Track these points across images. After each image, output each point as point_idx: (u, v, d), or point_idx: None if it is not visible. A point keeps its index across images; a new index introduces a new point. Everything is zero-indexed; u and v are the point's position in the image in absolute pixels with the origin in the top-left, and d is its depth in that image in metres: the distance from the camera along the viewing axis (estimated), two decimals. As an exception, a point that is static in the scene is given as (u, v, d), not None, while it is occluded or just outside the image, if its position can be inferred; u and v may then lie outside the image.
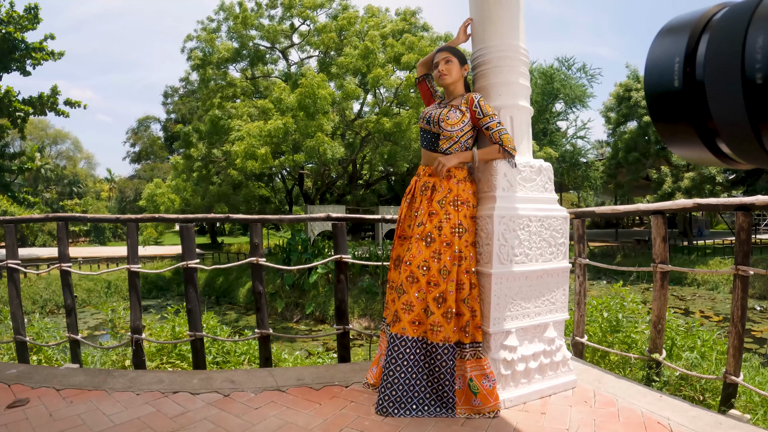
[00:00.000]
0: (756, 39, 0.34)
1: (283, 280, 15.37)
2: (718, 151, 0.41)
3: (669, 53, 0.41)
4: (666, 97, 0.42)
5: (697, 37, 0.40)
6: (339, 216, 3.86)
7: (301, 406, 2.69)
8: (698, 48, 0.40)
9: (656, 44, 0.43)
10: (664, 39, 0.43)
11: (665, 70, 0.41)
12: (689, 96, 0.40)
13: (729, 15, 0.38)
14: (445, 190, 2.67)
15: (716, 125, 0.38)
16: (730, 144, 0.39)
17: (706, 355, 3.60)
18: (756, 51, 0.34)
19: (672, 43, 0.42)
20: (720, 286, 17.08)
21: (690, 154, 0.44)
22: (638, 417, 2.48)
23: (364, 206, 24.51)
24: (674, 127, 0.42)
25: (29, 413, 2.61)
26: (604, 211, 3.82)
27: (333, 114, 18.48)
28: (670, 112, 0.42)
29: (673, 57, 0.41)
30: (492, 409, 2.51)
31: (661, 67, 0.42)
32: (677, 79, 0.40)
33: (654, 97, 0.43)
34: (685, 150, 0.43)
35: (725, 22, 0.38)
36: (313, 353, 5.60)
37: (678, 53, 0.41)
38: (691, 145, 0.42)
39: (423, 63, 3.04)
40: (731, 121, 0.36)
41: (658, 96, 0.42)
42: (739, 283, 2.83)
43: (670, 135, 0.43)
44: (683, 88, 0.40)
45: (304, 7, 21.40)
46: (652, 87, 0.43)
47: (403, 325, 2.56)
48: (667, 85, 0.41)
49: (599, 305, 4.31)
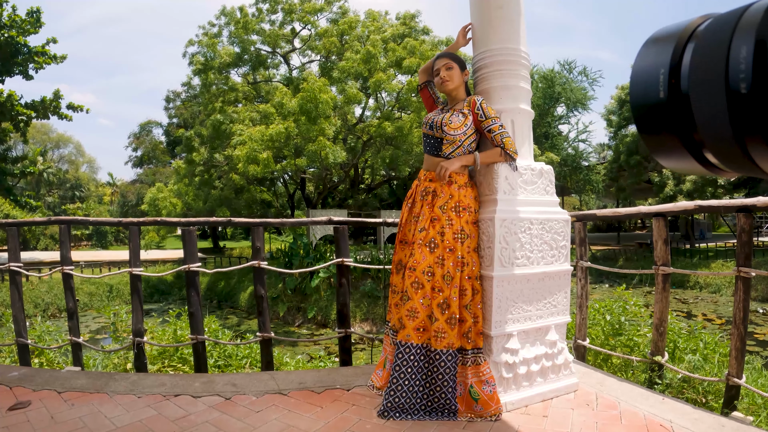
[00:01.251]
0: (740, 49, 0.34)
1: (284, 284, 15.36)
2: (705, 161, 0.41)
3: (654, 65, 0.42)
4: (651, 108, 0.42)
5: (681, 48, 0.40)
6: (340, 219, 3.86)
7: (303, 409, 2.69)
8: (683, 59, 0.40)
9: (641, 56, 0.43)
10: (649, 50, 0.43)
11: (650, 81, 0.42)
12: (674, 107, 0.40)
13: (713, 26, 0.38)
14: (446, 195, 2.67)
15: (702, 136, 0.39)
16: (716, 154, 0.39)
17: (709, 357, 3.60)
18: (740, 61, 0.34)
19: (657, 55, 0.42)
20: (722, 288, 17.03)
21: (677, 165, 0.44)
22: (640, 420, 2.47)
23: (365, 210, 24.51)
24: (660, 139, 0.42)
25: (31, 416, 2.61)
26: (605, 213, 3.82)
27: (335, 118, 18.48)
28: (656, 123, 0.42)
29: (658, 68, 0.41)
30: (494, 413, 2.51)
31: (646, 79, 0.42)
32: (662, 91, 0.41)
33: (640, 108, 0.43)
34: (672, 161, 0.44)
35: (709, 33, 0.38)
36: (315, 357, 5.59)
37: (663, 64, 0.41)
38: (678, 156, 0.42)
39: (424, 70, 3.06)
40: (716, 132, 0.36)
41: (643, 108, 0.42)
42: (741, 284, 2.83)
43: (657, 146, 0.43)
44: (668, 100, 0.40)
45: (304, 12, 21.41)
46: (637, 99, 0.43)
47: (408, 332, 2.56)
48: (653, 97, 0.41)
49: (601, 308, 4.31)
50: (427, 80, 3.06)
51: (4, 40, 17.33)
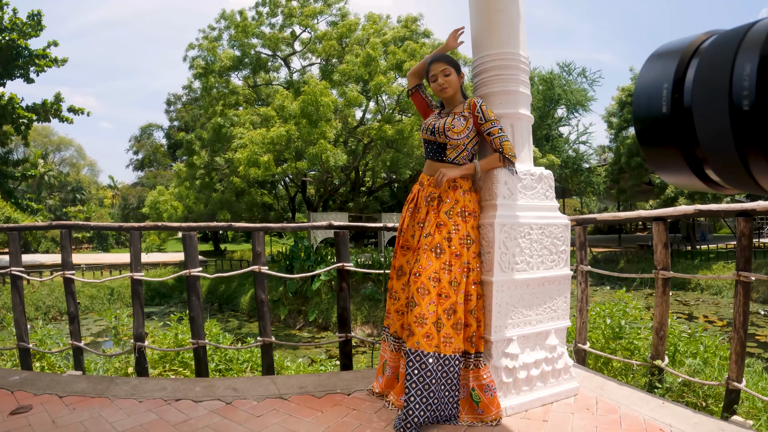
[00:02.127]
0: (744, 66, 0.34)
1: (285, 288, 15.37)
2: (706, 178, 0.41)
3: (658, 79, 0.42)
4: (654, 123, 0.42)
5: (685, 63, 0.41)
6: (341, 224, 3.87)
7: (303, 413, 2.70)
8: (687, 75, 0.40)
9: (645, 70, 0.44)
10: (653, 65, 0.43)
11: (654, 95, 0.42)
12: (677, 122, 0.40)
13: (717, 43, 0.38)
14: (452, 201, 2.66)
15: (704, 152, 0.39)
16: (717, 171, 0.39)
17: (709, 360, 3.60)
18: (743, 78, 0.34)
19: (661, 69, 0.42)
20: (724, 290, 17.01)
21: (678, 180, 0.44)
22: (640, 424, 2.47)
23: (366, 213, 24.50)
24: (662, 153, 0.42)
25: (32, 420, 2.62)
26: (605, 218, 3.83)
27: (335, 121, 18.49)
28: (658, 138, 0.42)
29: (662, 83, 0.41)
30: (494, 417, 2.50)
31: (649, 93, 0.42)
32: (665, 105, 0.41)
33: (642, 122, 0.43)
34: (673, 176, 0.44)
35: (714, 49, 0.38)
36: (316, 361, 5.60)
37: (666, 79, 0.41)
38: (679, 171, 0.42)
39: (414, 73, 2.99)
40: (718, 148, 0.37)
41: (646, 122, 0.43)
42: (741, 288, 2.84)
43: (659, 161, 0.43)
44: (671, 115, 0.41)
45: (304, 15, 21.45)
46: (640, 112, 0.43)
47: (417, 339, 2.48)
48: (656, 111, 0.42)
49: (602, 312, 4.31)
50: (418, 84, 3.00)
51: (5, 43, 17.40)
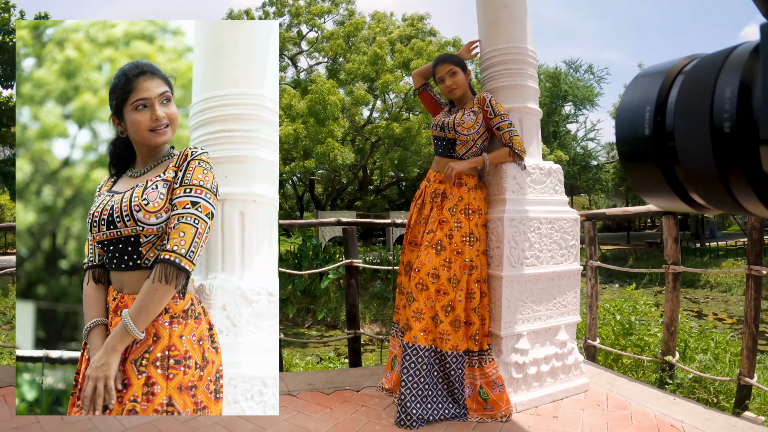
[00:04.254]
0: (725, 90, 0.35)
1: (294, 286, 15.39)
2: (688, 199, 0.41)
3: (640, 101, 0.42)
4: (636, 144, 0.42)
5: (668, 86, 0.41)
6: (349, 220, 3.87)
7: (312, 410, 2.70)
8: (669, 97, 0.41)
9: (628, 91, 0.44)
10: (636, 87, 0.44)
11: (636, 117, 0.42)
12: (659, 144, 0.40)
13: (699, 66, 0.38)
14: (456, 197, 2.65)
15: (685, 173, 0.39)
16: (699, 192, 0.39)
17: (720, 356, 3.57)
18: (724, 101, 0.34)
19: (644, 91, 0.42)
20: (733, 288, 16.89)
21: (661, 202, 0.44)
22: (651, 420, 2.46)
23: (374, 212, 24.50)
24: (644, 175, 0.43)
25: (41, 417, 2.63)
26: (614, 212, 3.81)
27: (343, 120, 18.54)
28: (640, 159, 0.42)
29: (644, 105, 0.42)
30: (504, 413, 2.49)
31: (631, 115, 0.42)
32: (647, 128, 0.41)
33: (624, 144, 0.43)
34: (656, 197, 0.44)
35: (695, 72, 0.38)
36: (325, 358, 5.60)
37: (649, 102, 0.41)
38: (662, 192, 0.42)
39: (419, 73, 3.00)
40: (700, 169, 0.37)
41: (628, 143, 0.43)
42: (752, 283, 2.81)
43: (641, 182, 0.44)
44: (653, 136, 0.41)
45: (311, 14, 21.51)
46: (623, 134, 0.43)
47: (415, 333, 2.52)
48: (638, 134, 0.42)
49: (612, 308, 4.28)
50: (425, 82, 2.99)
51: (11, 46, 17.51)
